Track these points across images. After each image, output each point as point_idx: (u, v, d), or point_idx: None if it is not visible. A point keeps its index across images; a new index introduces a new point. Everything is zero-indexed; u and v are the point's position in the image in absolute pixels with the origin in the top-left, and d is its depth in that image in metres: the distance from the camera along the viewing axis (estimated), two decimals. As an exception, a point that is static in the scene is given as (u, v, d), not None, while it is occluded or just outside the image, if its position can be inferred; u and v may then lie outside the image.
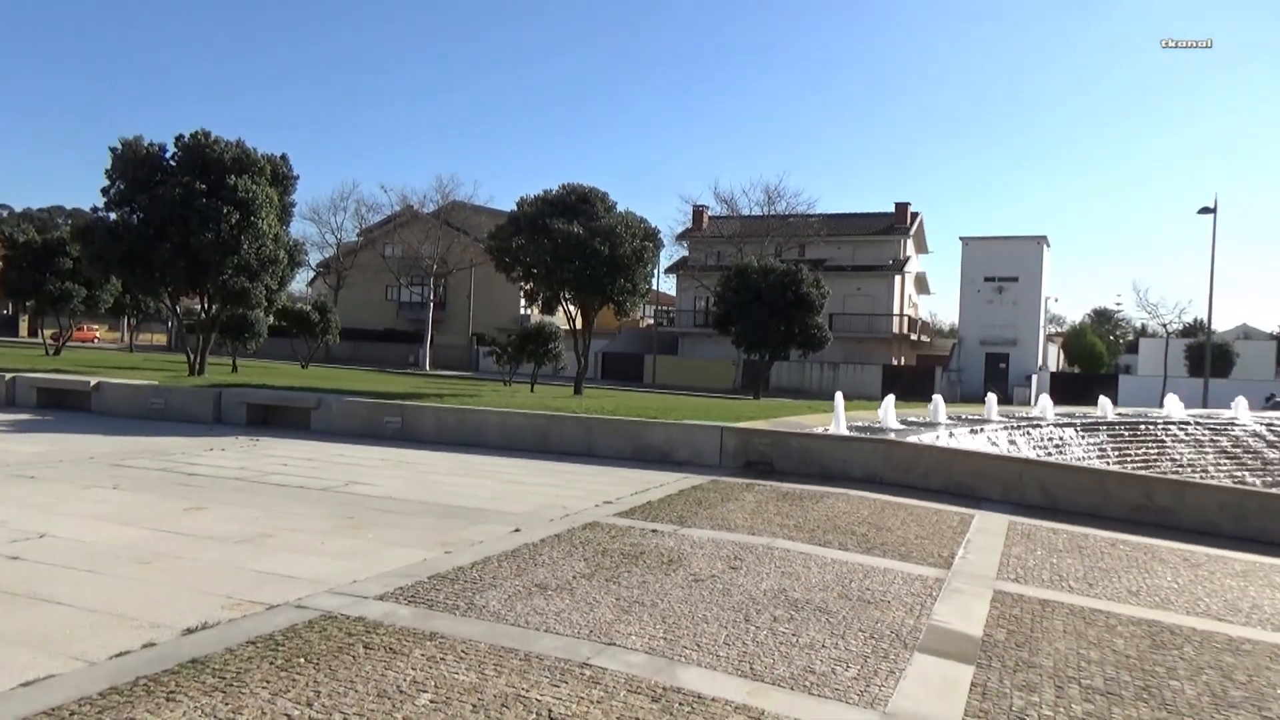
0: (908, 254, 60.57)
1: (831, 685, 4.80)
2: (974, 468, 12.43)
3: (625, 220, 23.55)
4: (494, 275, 27.34)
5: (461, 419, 15.51)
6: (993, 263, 55.47)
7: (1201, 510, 11.05)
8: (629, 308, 24.82)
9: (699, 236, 61.24)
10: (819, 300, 33.67)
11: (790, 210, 55.92)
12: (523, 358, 30.35)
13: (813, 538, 8.49)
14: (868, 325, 57.71)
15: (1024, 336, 55.07)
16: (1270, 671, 5.58)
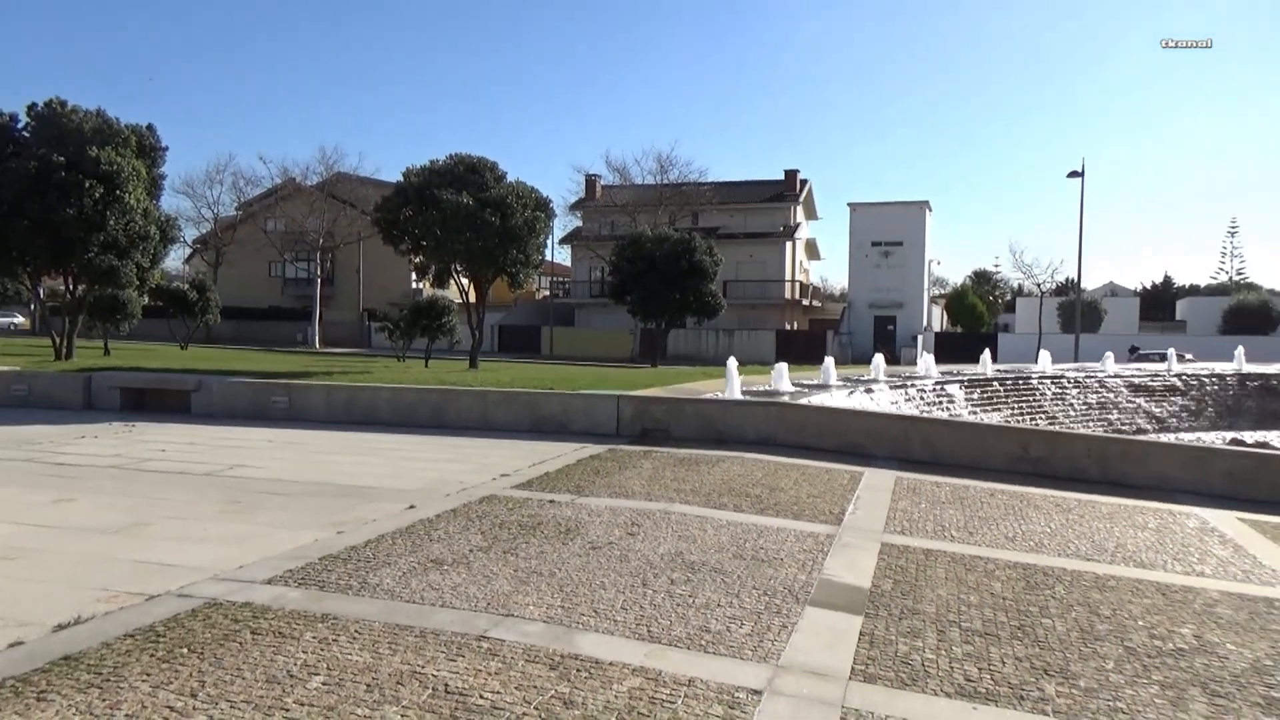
0: (798, 221, 61.71)
1: (726, 643, 4.90)
2: (863, 427, 12.84)
3: (516, 190, 23.24)
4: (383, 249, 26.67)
5: (352, 396, 15.12)
6: (879, 228, 57.05)
7: (1071, 458, 11.70)
8: (523, 279, 24.57)
9: (592, 206, 61.00)
10: (713, 268, 34.03)
11: (683, 179, 56.19)
12: (416, 332, 29.74)
13: (709, 501, 8.64)
14: (761, 291, 58.67)
15: (910, 299, 56.95)
16: (1132, 605, 5.97)
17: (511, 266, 23.32)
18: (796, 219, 61.34)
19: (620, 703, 4.08)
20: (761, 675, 4.47)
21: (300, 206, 56.69)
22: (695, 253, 33.34)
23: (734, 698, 4.19)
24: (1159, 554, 7.48)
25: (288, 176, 59.19)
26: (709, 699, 4.16)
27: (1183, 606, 6.00)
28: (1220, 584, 6.66)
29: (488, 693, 4.13)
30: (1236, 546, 7.93)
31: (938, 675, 4.58)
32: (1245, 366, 30.93)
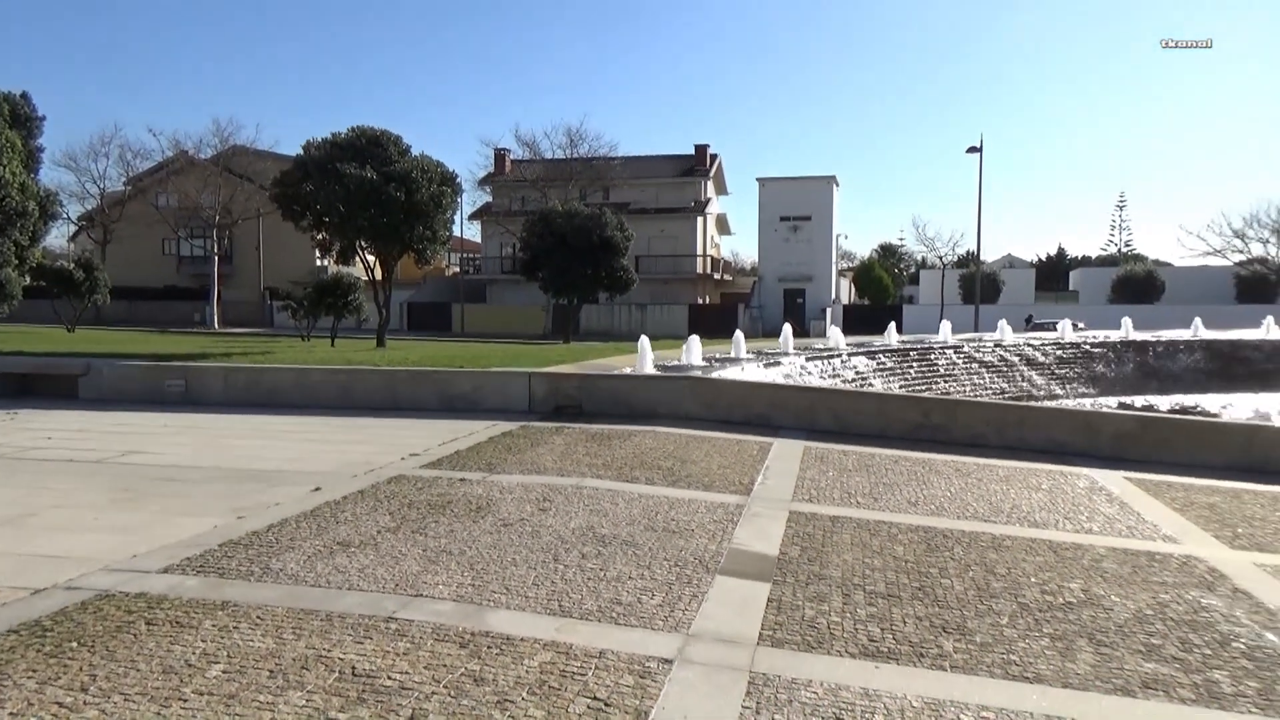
0: (708, 195, 62.09)
1: (638, 614, 4.94)
2: (771, 399, 13.05)
3: (421, 164, 22.73)
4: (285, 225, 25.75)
5: (254, 378, 14.64)
6: (788, 203, 57.83)
7: (970, 425, 12.12)
8: (430, 255, 24.12)
9: (502, 181, 60.20)
10: (624, 243, 34.03)
11: (593, 153, 55.88)
12: (320, 311, 28.91)
13: (621, 475, 8.67)
14: (673, 266, 58.94)
15: (818, 272, 58.00)
16: (1026, 563, 6.23)
17: (418, 243, 22.86)
18: (707, 194, 61.73)
19: (531, 677, 4.07)
20: (672, 644, 4.52)
21: (194, 181, 54.38)
22: (606, 228, 33.27)
23: (645, 667, 4.22)
24: (1051, 514, 7.82)
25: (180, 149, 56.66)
26: (620, 670, 4.19)
27: (1072, 563, 6.29)
28: (1107, 540, 7.00)
29: (396, 673, 4.08)
30: (1122, 504, 8.35)
31: (842, 637, 4.70)
32: (1132, 334, 32.50)
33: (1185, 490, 9.14)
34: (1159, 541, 7.07)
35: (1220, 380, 30.54)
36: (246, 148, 55.99)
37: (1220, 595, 5.72)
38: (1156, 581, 5.94)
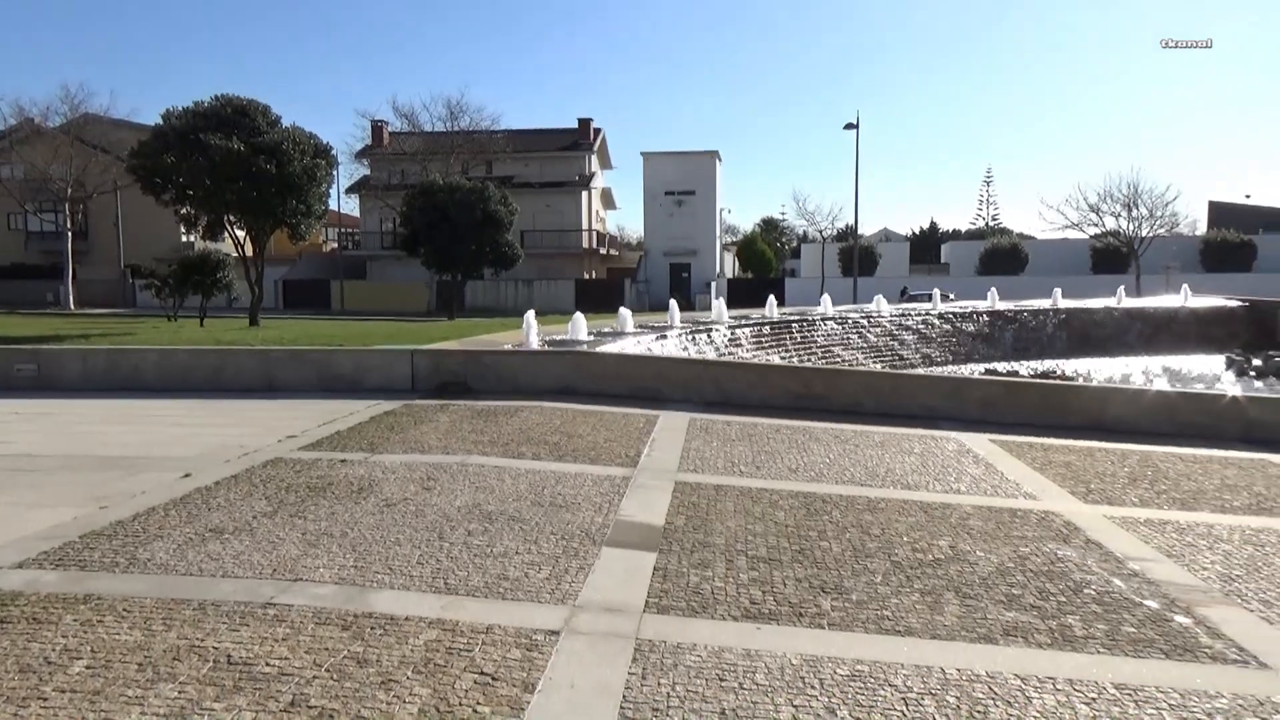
0: (593, 170, 61.83)
1: (525, 588, 4.94)
2: (657, 372, 13.18)
3: (293, 136, 21.86)
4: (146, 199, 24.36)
5: (114, 360, 13.86)
6: (672, 177, 58.17)
7: (849, 393, 12.54)
8: (305, 231, 23.29)
9: (380, 154, 58.36)
10: (508, 218, 33.63)
11: (474, 126, 54.78)
12: (187, 290, 27.52)
13: (507, 451, 8.61)
14: (559, 241, 58.56)
15: (703, 246, 58.68)
16: (898, 524, 6.51)
17: (291, 217, 22.04)
18: (592, 168, 61.48)
19: (417, 656, 4.03)
20: (559, 616, 4.55)
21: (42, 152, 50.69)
22: (490, 202, 32.79)
23: (532, 640, 4.23)
24: (923, 476, 8.19)
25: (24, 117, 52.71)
26: (507, 644, 4.19)
27: (941, 521, 6.61)
28: (973, 499, 7.39)
29: (275, 660, 3.97)
30: (988, 465, 8.81)
31: (726, 601, 4.82)
32: (998, 304, 34.16)
33: (1044, 450, 9.70)
34: (1020, 499, 7.50)
35: (1078, 346, 32.49)
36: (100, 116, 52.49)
37: (1074, 546, 6.11)
38: (1017, 536, 6.30)
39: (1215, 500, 7.71)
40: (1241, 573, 5.70)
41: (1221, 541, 6.40)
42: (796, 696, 3.76)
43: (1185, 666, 4.24)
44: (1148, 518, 7.00)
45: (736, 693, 3.78)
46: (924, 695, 3.82)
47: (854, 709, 3.67)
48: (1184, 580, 5.51)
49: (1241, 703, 3.88)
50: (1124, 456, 9.47)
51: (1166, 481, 8.35)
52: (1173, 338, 33.34)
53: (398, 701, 3.63)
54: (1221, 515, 7.20)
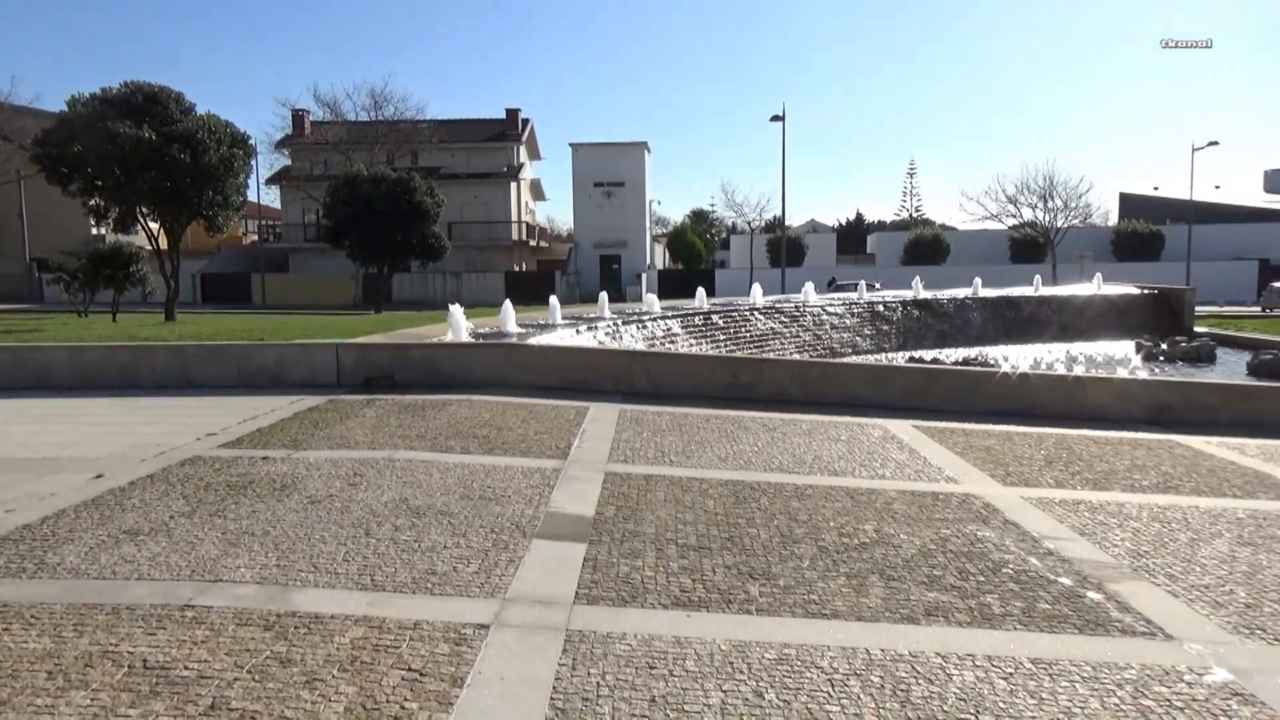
0: (522, 161, 61.30)
1: (454, 582, 4.89)
2: (588, 363, 13.15)
3: (208, 124, 21.17)
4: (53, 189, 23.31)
5: (19, 358, 13.26)
6: (601, 169, 58.03)
7: (777, 382, 12.70)
8: (223, 223, 22.60)
9: (302, 144, 56.92)
10: (435, 209, 33.12)
11: (399, 116, 53.78)
12: (98, 284, 26.45)
13: (435, 445, 8.50)
14: (487, 233, 57.94)
15: (633, 238, 58.69)
16: (825, 509, 6.62)
17: (208, 209, 21.36)
18: (520, 159, 60.98)
19: (342, 654, 3.96)
20: (489, 610, 4.51)
21: (-62, 140, 48.25)
22: (416, 193, 32.26)
23: (460, 634, 4.19)
24: (849, 462, 8.34)
25: (-83, 103, 50.01)
26: (435, 639, 4.14)
27: (867, 506, 6.74)
28: (897, 484, 7.55)
29: (194, 663, 3.86)
30: (911, 450, 9.01)
31: (656, 590, 4.84)
32: (922, 293, 34.92)
33: (966, 435, 9.97)
34: (942, 482, 7.69)
35: (998, 333, 33.40)
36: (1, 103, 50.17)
37: (993, 527, 6.30)
38: (939, 518, 6.47)
39: (1126, 480, 8.02)
40: (1150, 549, 5.94)
41: (1131, 520, 6.66)
42: (725, 682, 3.80)
43: (1097, 640, 4.40)
44: (1062, 498, 7.24)
45: (666, 680, 3.80)
46: (849, 676, 3.89)
47: (781, 692, 3.73)
48: (1096, 558, 5.71)
49: (1149, 673, 4.04)
50: (1040, 440, 9.78)
51: (1080, 463, 8.65)
52: (1087, 324, 34.52)
53: (323, 701, 3.56)
54: (1131, 494, 7.49)
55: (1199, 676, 4.03)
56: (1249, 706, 3.77)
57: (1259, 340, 29.11)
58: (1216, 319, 38.15)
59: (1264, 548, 6.07)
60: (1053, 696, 3.78)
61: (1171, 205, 62.53)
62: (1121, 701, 3.76)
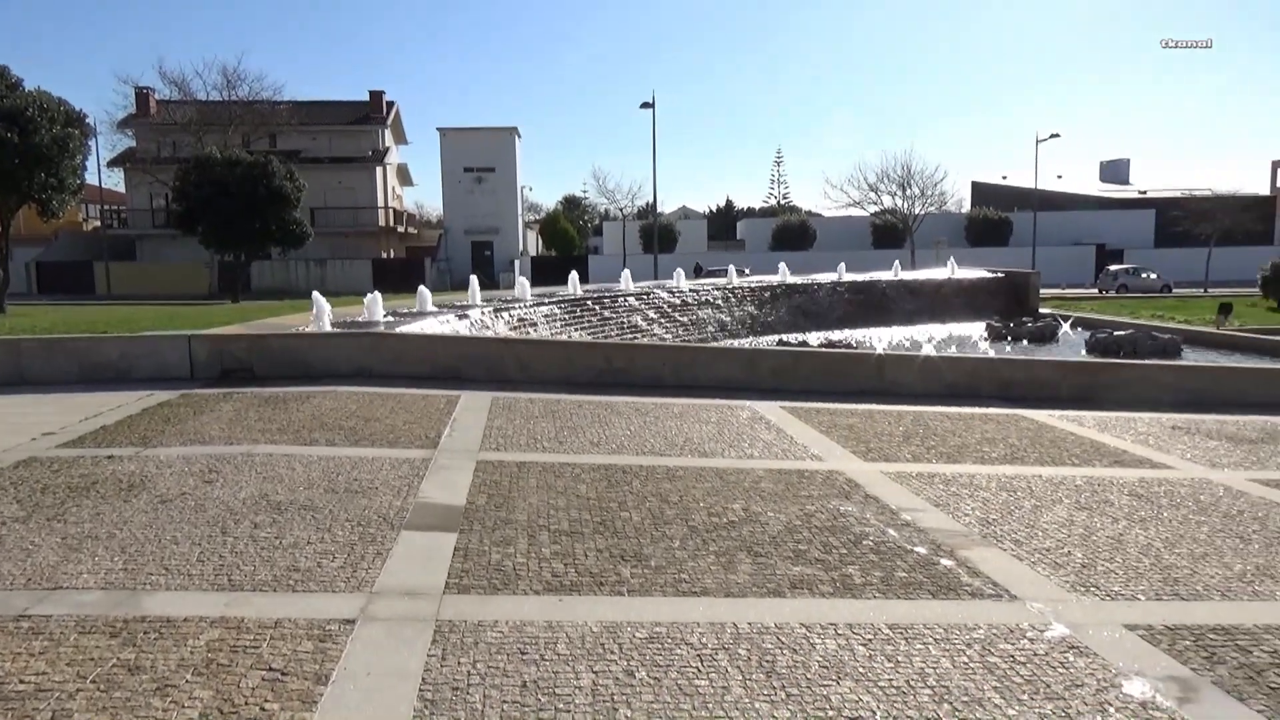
0: (387, 145, 59.62)
1: (318, 578, 4.73)
2: (458, 351, 12.95)
3: (39, 101, 19.67)
4: None
5: None
6: (471, 154, 57.10)
7: (649, 367, 12.82)
8: (58, 207, 21.07)
9: (148, 124, 53.55)
10: (295, 194, 31.88)
11: (255, 96, 51.44)
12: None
13: (298, 438, 8.20)
14: (353, 219, 56.17)
15: (505, 224, 58.06)
16: (696, 490, 6.73)
17: (40, 192, 19.87)
18: (386, 143, 59.31)
19: (197, 658, 3.78)
20: (355, 604, 4.39)
21: None
22: (274, 177, 30.95)
23: (325, 631, 4.07)
24: (719, 443, 8.50)
25: None
26: (298, 637, 4.00)
27: (735, 486, 6.89)
28: (765, 463, 7.75)
29: (31, 675, 3.61)
30: (779, 430, 9.26)
31: (528, 576, 4.82)
32: (789, 278, 35.87)
33: (830, 414, 10.32)
34: (808, 460, 7.94)
35: (861, 316, 34.69)
36: None
37: (855, 502, 6.55)
38: (805, 495, 6.68)
39: (976, 453, 8.48)
40: (997, 517, 6.31)
41: (981, 490, 7.05)
42: (597, 663, 3.82)
43: (949, 604, 4.64)
44: (919, 472, 7.60)
45: (538, 664, 3.79)
46: (718, 650, 3.98)
47: (652, 669, 3.78)
48: (949, 527, 6.02)
49: (995, 632, 4.30)
50: (900, 417, 10.22)
51: (935, 438, 9.09)
52: (943, 307, 36.26)
53: (175, 707, 3.39)
54: (981, 466, 7.93)
55: (1040, 633, 4.31)
56: (1083, 658, 4.05)
57: (1097, 320, 31.26)
58: (1059, 300, 40.78)
59: (1098, 512, 6.53)
60: (908, 659, 3.96)
61: (1018, 193, 66.27)
62: (970, 660, 3.98)
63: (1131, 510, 6.60)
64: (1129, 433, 9.80)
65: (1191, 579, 5.18)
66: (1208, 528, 6.23)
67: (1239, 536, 6.05)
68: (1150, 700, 3.68)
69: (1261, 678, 3.92)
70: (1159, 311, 34.02)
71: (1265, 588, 5.10)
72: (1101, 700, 3.66)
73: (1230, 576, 5.25)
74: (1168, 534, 6.04)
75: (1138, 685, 3.80)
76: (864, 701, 3.58)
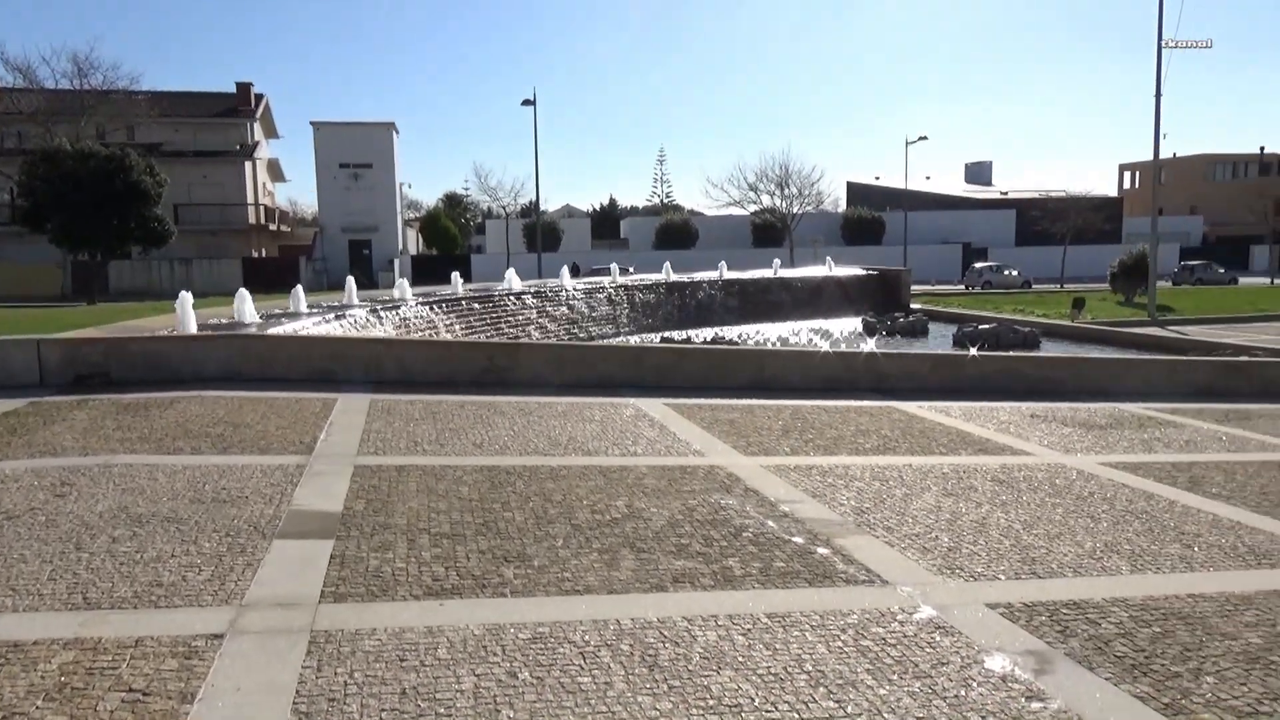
0: (257, 139, 57.25)
1: (182, 593, 4.51)
2: (334, 352, 12.57)
3: None
4: None
5: None
6: (346, 149, 55.42)
7: (533, 366, 12.74)
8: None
9: (-11, 113, 49.98)
10: (156, 189, 30.30)
11: (110, 85, 48.49)
12: None
13: (161, 447, 7.79)
14: (221, 216, 53.69)
15: (384, 222, 56.61)
16: (579, 489, 6.73)
17: None
18: (255, 137, 57.00)
19: (49, 683, 3.55)
20: (223, 618, 4.21)
21: None
22: (132, 172, 29.34)
23: (191, 647, 3.88)
24: (602, 441, 8.53)
25: None
26: (161, 655, 3.81)
27: (619, 483, 6.93)
28: (648, 460, 7.81)
29: None
30: (662, 427, 9.35)
31: (407, 581, 4.72)
32: (672, 276, 36.28)
33: (712, 410, 10.48)
34: (690, 456, 8.05)
35: (743, 313, 35.41)
36: None
37: (735, 495, 6.68)
38: (687, 490, 6.77)
39: (851, 444, 8.77)
40: (871, 505, 6.54)
41: (856, 480, 7.30)
42: (479, 666, 3.78)
43: (824, 591, 4.79)
44: (797, 464, 7.81)
45: (418, 671, 3.72)
46: (600, 647, 3.99)
47: (535, 669, 3.76)
48: (825, 516, 6.21)
49: (868, 616, 4.46)
50: (779, 411, 10.47)
51: (813, 431, 9.36)
52: (820, 303, 37.36)
53: (23, 738, 3.18)
54: (856, 457, 8.21)
55: (909, 615, 4.49)
56: (949, 637, 4.25)
57: (963, 315, 32.79)
58: (929, 296, 42.62)
59: (963, 497, 6.86)
60: (785, 646, 4.07)
61: (891, 193, 68.87)
62: (844, 645, 4.11)
63: (994, 495, 6.96)
64: (992, 422, 10.32)
65: (1048, 558, 5.50)
66: (1062, 509, 6.62)
67: (1090, 516, 6.46)
68: (1009, 674, 3.89)
69: (1109, 648, 4.19)
70: (1020, 306, 35.98)
71: (1112, 563, 5.46)
72: (965, 676, 3.84)
73: (1082, 554, 5.60)
74: (1026, 516, 6.40)
75: (998, 660, 4.01)
76: (743, 690, 3.66)
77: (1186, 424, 10.70)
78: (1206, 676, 3.94)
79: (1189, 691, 3.80)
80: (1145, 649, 4.20)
